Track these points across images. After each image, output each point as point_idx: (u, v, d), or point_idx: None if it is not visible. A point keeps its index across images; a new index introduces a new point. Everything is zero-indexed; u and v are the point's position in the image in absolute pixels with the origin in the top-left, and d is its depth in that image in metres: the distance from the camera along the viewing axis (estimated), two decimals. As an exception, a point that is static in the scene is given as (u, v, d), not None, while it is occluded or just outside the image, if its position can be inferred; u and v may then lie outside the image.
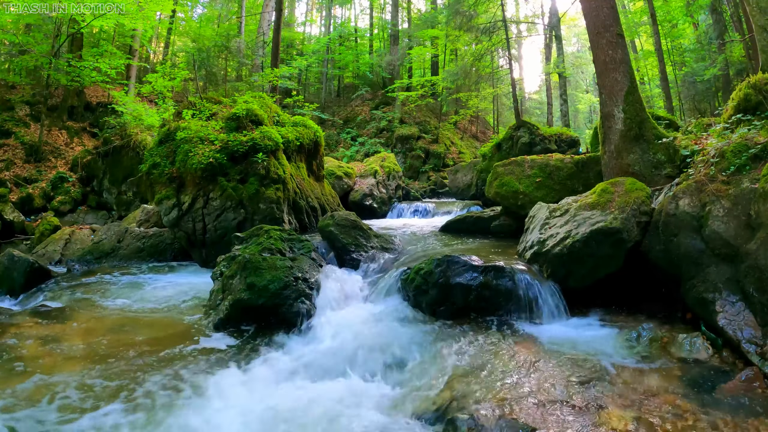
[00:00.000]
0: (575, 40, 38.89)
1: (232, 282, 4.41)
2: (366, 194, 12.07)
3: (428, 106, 21.64)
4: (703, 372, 2.92)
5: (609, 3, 5.99)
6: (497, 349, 3.35)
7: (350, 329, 3.92)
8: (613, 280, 4.08)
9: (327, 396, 3.03)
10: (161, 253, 7.23)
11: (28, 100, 14.46)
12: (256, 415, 2.79)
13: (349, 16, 31.85)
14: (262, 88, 13.17)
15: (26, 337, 3.92)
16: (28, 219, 10.86)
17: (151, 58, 22.61)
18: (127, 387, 3.07)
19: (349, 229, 5.65)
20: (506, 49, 14.34)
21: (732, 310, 3.19)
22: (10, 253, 5.85)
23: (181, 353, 3.64)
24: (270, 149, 7.00)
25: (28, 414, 2.76)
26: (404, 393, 3.00)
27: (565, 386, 2.80)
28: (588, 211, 4.26)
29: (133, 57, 15.97)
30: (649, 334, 3.38)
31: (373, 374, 3.32)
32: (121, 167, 11.99)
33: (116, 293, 5.30)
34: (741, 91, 4.74)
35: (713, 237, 3.49)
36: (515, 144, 11.73)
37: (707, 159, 4.02)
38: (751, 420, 2.39)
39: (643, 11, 19.29)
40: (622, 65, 5.77)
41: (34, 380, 3.15)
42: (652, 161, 5.44)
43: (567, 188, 6.45)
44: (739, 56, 13.43)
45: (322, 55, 23.80)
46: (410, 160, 18.73)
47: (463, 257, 4.17)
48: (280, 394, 3.04)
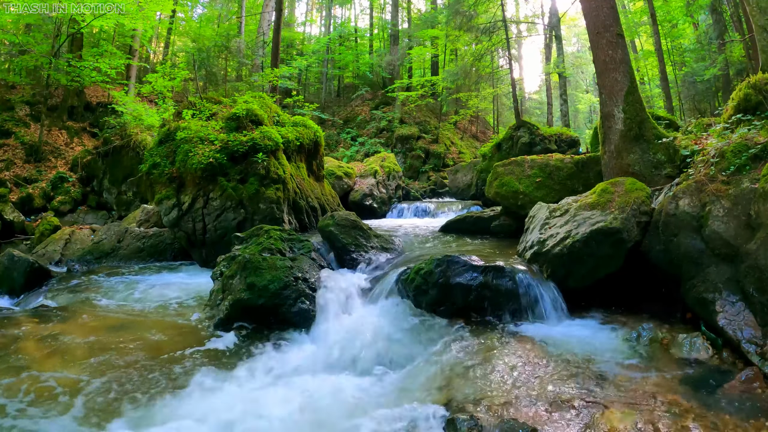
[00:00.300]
0: (575, 40, 38.89)
1: (232, 282, 4.41)
2: (366, 194, 12.07)
3: (428, 106, 21.64)
4: (703, 372, 2.92)
5: (609, 3, 5.99)
6: (497, 349, 3.35)
7: (350, 329, 3.92)
8: (613, 280, 4.08)
9: (326, 395, 3.03)
10: (161, 253, 7.23)
11: (28, 100, 14.46)
12: (254, 415, 2.79)
13: (349, 16, 31.89)
14: (262, 88, 13.17)
15: (26, 337, 3.92)
16: (28, 219, 10.87)
17: (151, 58, 22.62)
18: (126, 386, 3.07)
19: (349, 229, 5.65)
20: (506, 49, 14.34)
21: (732, 310, 3.19)
22: (10, 253, 5.85)
23: (181, 353, 3.64)
24: (270, 149, 7.00)
25: (28, 414, 2.76)
26: (404, 393, 3.00)
27: (566, 386, 2.80)
28: (588, 211, 4.26)
29: (133, 57, 15.97)
30: (649, 334, 3.38)
31: (373, 374, 3.32)
32: (121, 167, 12.00)
33: (116, 293, 5.30)
34: (741, 91, 4.74)
35: (713, 237, 3.49)
36: (515, 144, 11.73)
37: (707, 159, 4.02)
38: (751, 420, 2.39)
39: (643, 11, 19.29)
40: (622, 65, 5.77)
41: (34, 380, 3.15)
42: (652, 161, 5.44)
43: (567, 188, 6.45)
44: (739, 56, 13.43)
45: (322, 55, 23.80)
46: (410, 160, 18.73)
47: (463, 257, 4.17)
48: (280, 394, 3.03)
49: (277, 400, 2.95)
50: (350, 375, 3.32)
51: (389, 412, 2.76)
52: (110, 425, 2.67)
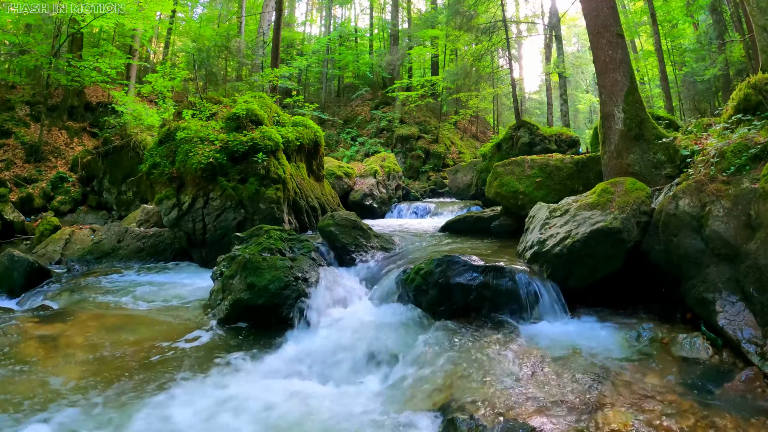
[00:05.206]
0: (575, 40, 38.89)
1: (232, 282, 4.41)
2: (366, 194, 12.07)
3: (428, 106, 21.63)
4: (703, 372, 2.91)
5: (609, 3, 5.98)
6: (497, 349, 3.35)
7: (350, 329, 3.92)
8: (613, 280, 4.08)
9: (326, 395, 3.03)
10: (161, 253, 7.22)
11: (28, 100, 14.46)
12: (252, 415, 2.78)
13: (349, 16, 31.88)
14: (262, 88, 13.16)
15: (26, 337, 3.92)
16: (28, 219, 10.87)
17: (151, 58, 22.62)
18: (126, 385, 3.07)
19: (349, 229, 5.65)
20: (506, 49, 14.34)
21: (732, 310, 3.18)
22: (10, 253, 5.84)
23: (182, 353, 3.63)
24: (270, 149, 7.00)
25: (27, 414, 2.76)
26: (403, 392, 3.00)
27: (565, 386, 2.80)
28: (588, 211, 4.26)
29: (133, 57, 15.97)
30: (649, 334, 3.38)
31: (373, 374, 3.32)
32: (121, 167, 12.00)
33: (116, 293, 5.29)
34: (741, 91, 4.73)
35: (713, 237, 3.49)
36: (515, 144, 11.72)
37: (707, 159, 4.01)
38: (751, 420, 2.39)
39: (643, 11, 19.29)
40: (622, 65, 5.76)
41: (34, 380, 3.15)
42: (652, 161, 5.44)
43: (567, 188, 6.45)
44: (739, 56, 13.42)
45: (322, 55, 23.79)
46: (410, 160, 18.73)
47: (463, 257, 4.17)
48: (280, 394, 3.03)
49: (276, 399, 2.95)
50: (350, 374, 3.32)
51: (389, 412, 2.75)
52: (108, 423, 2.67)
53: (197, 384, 3.14)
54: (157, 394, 2.99)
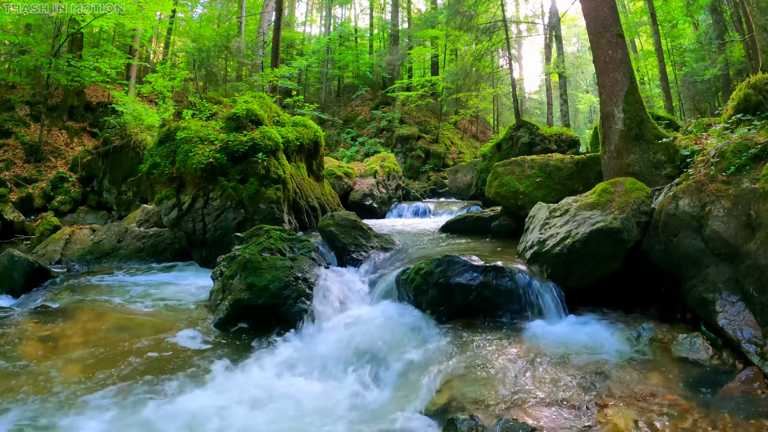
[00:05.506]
0: (575, 40, 38.89)
1: (232, 282, 4.41)
2: (366, 194, 12.07)
3: (428, 106, 21.63)
4: (703, 372, 2.91)
5: (609, 3, 5.98)
6: (497, 349, 3.35)
7: (350, 329, 3.92)
8: (613, 280, 4.08)
9: (326, 395, 3.03)
10: (161, 253, 7.22)
11: (28, 100, 14.46)
12: (252, 415, 2.78)
13: (349, 16, 31.88)
14: (262, 88, 13.16)
15: (26, 337, 3.92)
16: (28, 219, 10.87)
17: (151, 58, 22.61)
18: (126, 385, 3.07)
19: (349, 229, 5.65)
20: (506, 49, 14.34)
21: (732, 310, 3.18)
22: (10, 253, 5.84)
23: (181, 353, 3.63)
24: (270, 149, 7.00)
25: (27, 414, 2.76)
26: (403, 392, 3.00)
27: (565, 386, 2.80)
28: (588, 211, 4.26)
29: (133, 57, 15.97)
30: (649, 333, 3.38)
31: (373, 373, 3.31)
32: (121, 167, 12.00)
33: (116, 293, 5.29)
34: (741, 91, 4.73)
35: (713, 237, 3.49)
36: (515, 144, 11.72)
37: (707, 159, 4.01)
38: (751, 420, 2.39)
39: (643, 11, 19.29)
40: (622, 65, 5.77)
41: (34, 380, 3.15)
42: (652, 161, 5.44)
43: (567, 188, 6.45)
44: (739, 56, 13.42)
45: (322, 55, 23.79)
46: (410, 160, 18.73)
47: (463, 257, 4.17)
48: (280, 393, 3.03)
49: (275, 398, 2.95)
50: (350, 374, 3.32)
51: (390, 412, 2.76)
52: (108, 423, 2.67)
53: (197, 384, 3.14)
54: (157, 394, 2.99)
